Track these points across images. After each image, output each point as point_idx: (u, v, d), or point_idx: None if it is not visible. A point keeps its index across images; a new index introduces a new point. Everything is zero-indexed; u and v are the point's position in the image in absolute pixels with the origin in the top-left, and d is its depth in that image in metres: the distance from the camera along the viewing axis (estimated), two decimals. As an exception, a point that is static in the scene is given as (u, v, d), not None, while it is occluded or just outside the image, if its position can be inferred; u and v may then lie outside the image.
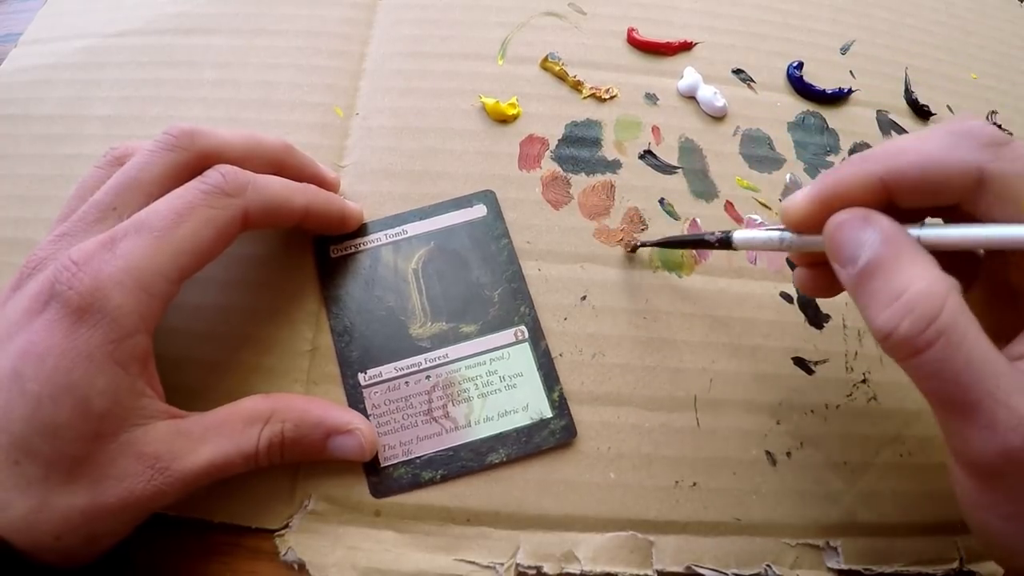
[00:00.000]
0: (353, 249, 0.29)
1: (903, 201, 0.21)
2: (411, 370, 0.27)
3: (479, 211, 0.30)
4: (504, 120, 0.33)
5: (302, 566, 0.24)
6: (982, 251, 0.23)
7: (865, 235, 0.19)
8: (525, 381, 0.27)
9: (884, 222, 0.20)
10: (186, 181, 0.24)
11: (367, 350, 0.27)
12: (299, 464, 0.25)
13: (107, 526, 0.21)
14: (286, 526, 0.24)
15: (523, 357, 0.28)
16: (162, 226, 0.22)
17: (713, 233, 0.26)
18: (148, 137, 0.32)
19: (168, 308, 0.23)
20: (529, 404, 0.27)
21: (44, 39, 0.36)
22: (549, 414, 0.27)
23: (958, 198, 0.20)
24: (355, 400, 0.26)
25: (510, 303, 0.29)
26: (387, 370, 0.27)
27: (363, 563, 0.24)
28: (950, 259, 0.21)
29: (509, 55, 0.35)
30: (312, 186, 0.27)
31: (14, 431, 0.20)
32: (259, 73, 0.34)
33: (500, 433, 0.26)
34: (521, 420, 0.27)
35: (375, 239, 0.29)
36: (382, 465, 0.25)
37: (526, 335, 0.28)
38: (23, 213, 0.30)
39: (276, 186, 0.25)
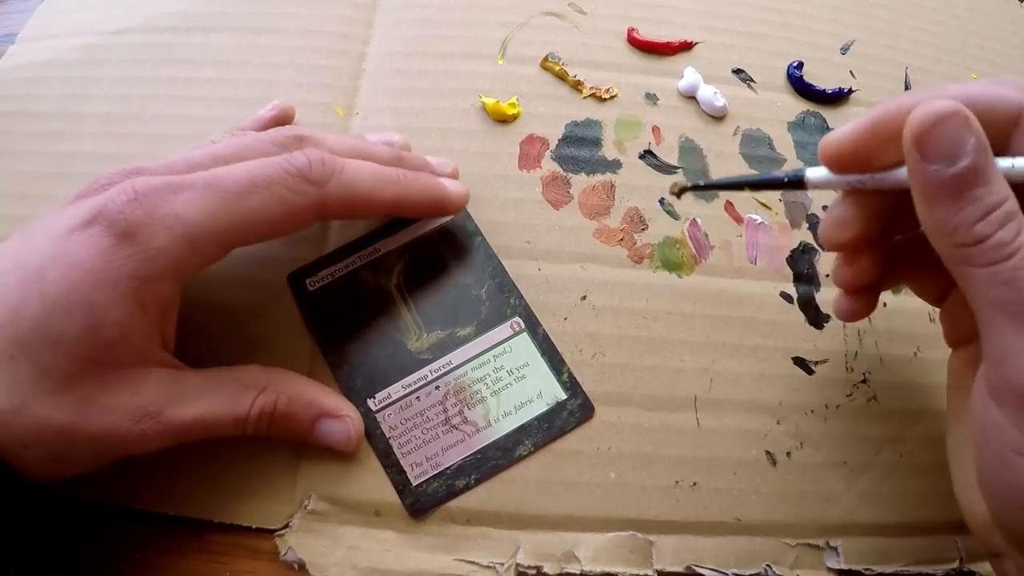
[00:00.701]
0: (330, 278, 0.28)
1: None
2: (419, 384, 0.27)
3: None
4: (504, 120, 0.33)
5: (302, 566, 0.23)
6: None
7: (966, 136, 0.19)
8: (532, 370, 0.27)
9: (979, 128, 0.19)
10: None
11: (370, 375, 0.27)
12: (300, 462, 0.25)
13: (76, 452, 0.21)
14: (286, 526, 0.24)
15: (525, 347, 0.28)
16: (233, 189, 0.22)
17: (783, 172, 0.24)
18: (147, 135, 0.32)
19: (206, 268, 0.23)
20: (542, 390, 0.27)
21: (42, 36, 0.36)
22: (563, 396, 0.27)
23: (1000, 133, 0.20)
24: (370, 427, 0.26)
25: (499, 297, 0.28)
26: (395, 390, 0.27)
27: (363, 563, 0.24)
28: (931, 269, 0.21)
29: (509, 55, 0.35)
30: (406, 173, 0.26)
31: (21, 327, 0.20)
32: (259, 72, 0.34)
33: (522, 425, 0.26)
34: (539, 408, 0.27)
35: (350, 263, 0.29)
36: (414, 484, 0.25)
37: (522, 325, 0.28)
38: (21, 210, 0.30)
39: (364, 179, 0.25)
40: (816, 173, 0.23)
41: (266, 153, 0.24)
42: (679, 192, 0.26)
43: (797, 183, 0.23)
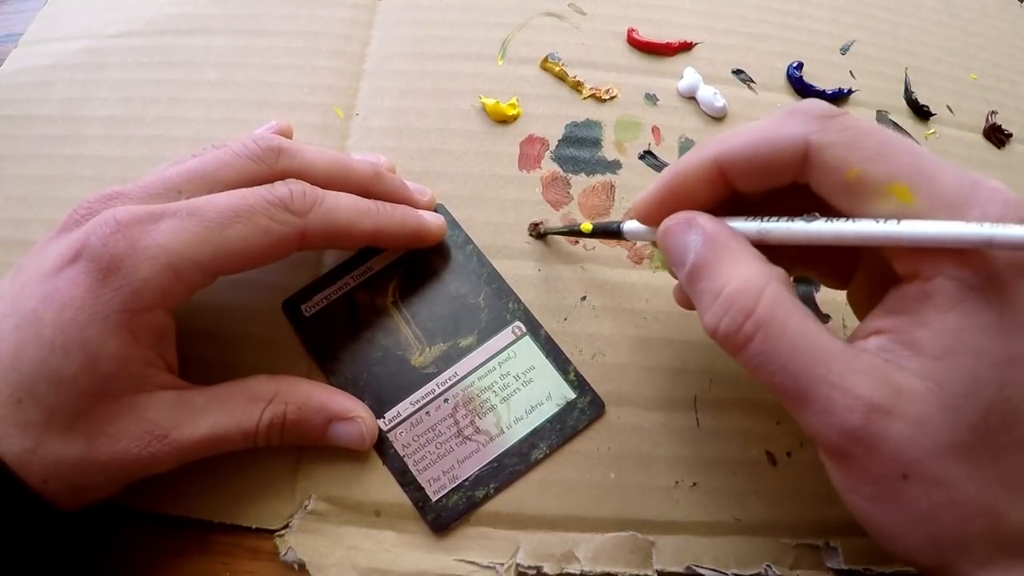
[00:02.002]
0: (325, 301, 0.28)
1: (740, 184, 0.21)
2: (427, 400, 0.27)
3: None
4: (504, 120, 0.33)
5: (302, 566, 0.24)
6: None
7: (689, 238, 0.20)
8: (539, 372, 0.27)
9: (705, 224, 0.20)
10: None
11: (376, 395, 0.26)
12: (300, 463, 0.25)
13: (94, 480, 0.21)
14: (286, 526, 0.24)
15: (528, 350, 0.28)
16: (214, 219, 0.22)
17: (610, 223, 0.26)
18: (149, 138, 0.32)
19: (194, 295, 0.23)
20: (551, 392, 0.27)
21: (44, 40, 0.36)
22: (572, 395, 0.27)
23: (791, 174, 0.20)
24: (383, 447, 0.26)
25: (497, 304, 0.28)
26: (403, 408, 0.26)
27: (363, 563, 0.24)
28: (828, 252, 0.21)
29: (509, 55, 0.36)
30: (385, 206, 0.26)
31: (23, 371, 0.20)
32: (259, 74, 0.34)
33: (534, 429, 0.26)
34: (549, 410, 0.27)
35: (343, 284, 0.28)
36: (434, 500, 0.25)
37: (524, 329, 0.28)
38: (23, 214, 0.30)
39: (344, 210, 0.25)
40: (631, 226, 0.25)
41: (242, 169, 0.24)
42: (541, 235, 0.29)
43: (615, 233, 0.26)
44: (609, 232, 0.26)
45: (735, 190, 0.21)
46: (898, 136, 0.19)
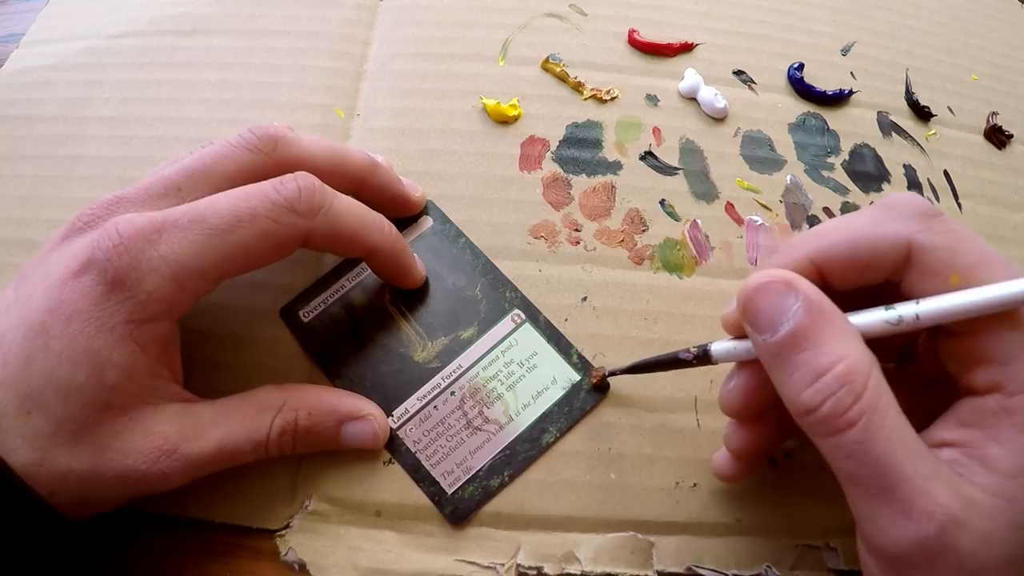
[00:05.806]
0: (323, 306, 0.28)
1: (836, 281, 0.20)
2: (433, 394, 0.27)
3: (426, 223, 0.30)
4: (505, 121, 0.33)
5: (303, 566, 0.24)
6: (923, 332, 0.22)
7: (788, 301, 0.19)
8: (542, 357, 0.27)
9: (808, 289, 0.19)
10: (259, 182, 0.23)
11: (383, 394, 0.26)
12: (301, 462, 0.25)
13: (101, 494, 0.21)
14: (287, 526, 0.24)
15: (530, 337, 0.28)
16: (217, 226, 0.22)
17: (688, 351, 0.24)
18: (150, 138, 0.32)
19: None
20: (555, 376, 0.27)
21: (46, 40, 0.36)
22: (577, 377, 0.27)
23: (889, 272, 0.20)
24: (395, 444, 0.26)
25: (494, 293, 0.29)
26: (411, 404, 0.26)
27: (364, 563, 0.24)
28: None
29: (510, 56, 0.36)
30: (392, 230, 0.26)
31: (31, 383, 0.20)
32: (260, 74, 0.34)
33: (543, 413, 0.26)
34: (556, 393, 0.27)
35: (339, 287, 0.28)
36: (449, 493, 0.25)
37: (523, 316, 0.28)
38: (25, 214, 0.30)
39: (351, 218, 0.24)
40: (720, 346, 0.23)
41: (239, 160, 0.24)
42: (602, 379, 0.27)
43: (704, 358, 0.23)
44: (688, 361, 0.24)
45: (825, 288, 0.20)
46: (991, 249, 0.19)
